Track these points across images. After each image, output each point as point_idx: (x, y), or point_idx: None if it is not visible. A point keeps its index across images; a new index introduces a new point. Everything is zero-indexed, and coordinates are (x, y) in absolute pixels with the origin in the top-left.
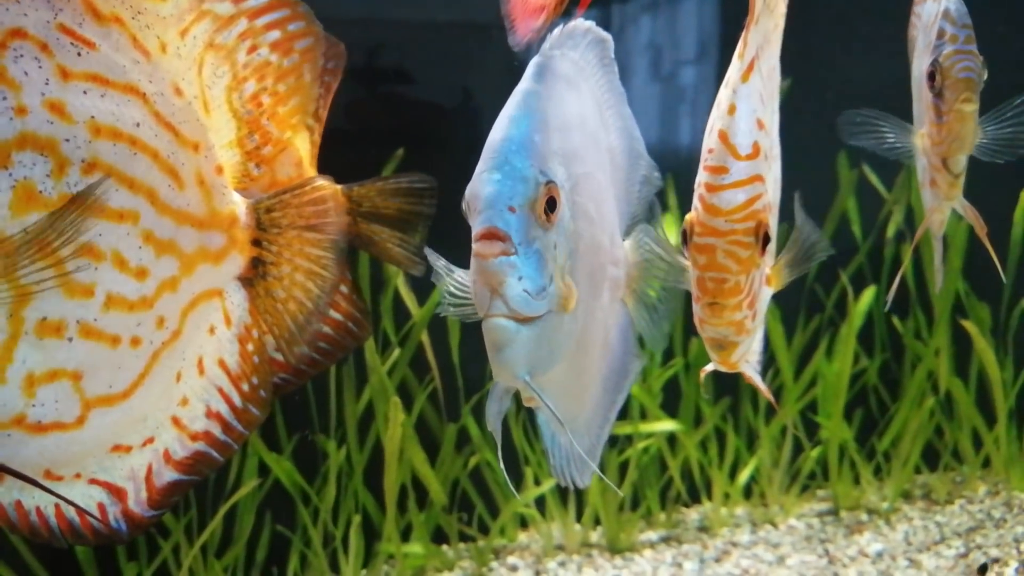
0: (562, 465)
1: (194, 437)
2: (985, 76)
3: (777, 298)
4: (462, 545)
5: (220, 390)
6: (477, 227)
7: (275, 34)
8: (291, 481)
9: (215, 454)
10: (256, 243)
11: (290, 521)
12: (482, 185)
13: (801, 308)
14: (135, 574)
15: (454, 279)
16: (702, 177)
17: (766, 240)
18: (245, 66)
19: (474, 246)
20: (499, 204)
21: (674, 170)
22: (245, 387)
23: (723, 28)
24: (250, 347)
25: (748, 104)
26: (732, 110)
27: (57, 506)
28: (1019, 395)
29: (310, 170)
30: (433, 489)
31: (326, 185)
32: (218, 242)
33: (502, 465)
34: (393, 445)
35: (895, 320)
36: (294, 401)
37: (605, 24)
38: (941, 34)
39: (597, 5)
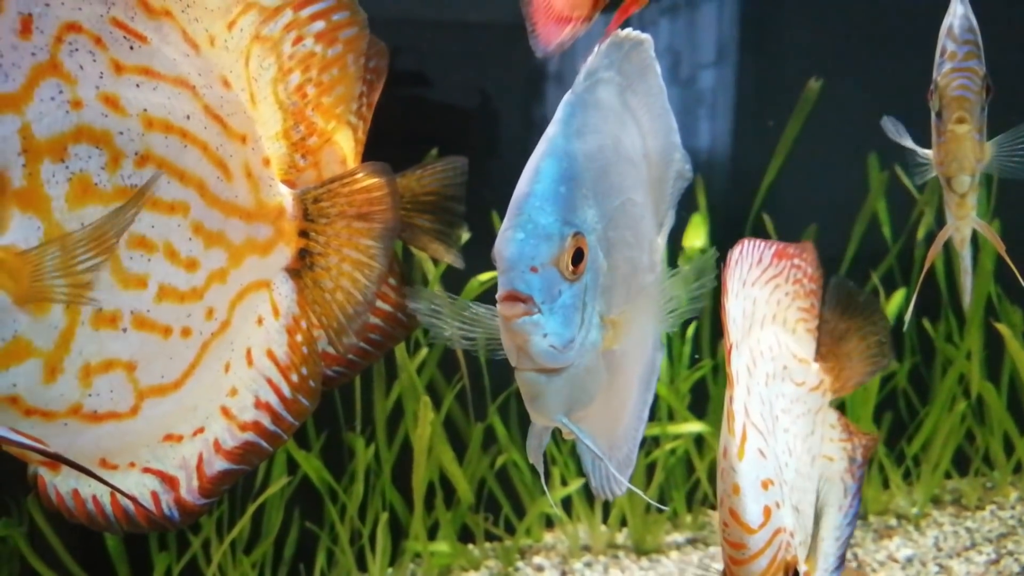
0: (602, 483)
1: (243, 427)
2: (988, 93)
3: None
4: (488, 545)
5: (269, 381)
6: (500, 288)
7: (320, 24)
8: (319, 478)
9: (265, 444)
10: (303, 234)
11: (318, 519)
12: (505, 244)
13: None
14: (165, 568)
15: (462, 314)
16: (725, 548)
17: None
18: (291, 57)
19: (499, 306)
20: (520, 265)
21: (703, 172)
22: (295, 378)
23: (741, 30)
24: (299, 338)
25: (749, 479)
26: (736, 489)
27: (113, 495)
28: None
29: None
30: (461, 488)
31: (377, 173)
32: (265, 233)
33: (549, 495)
34: (422, 444)
35: (926, 323)
36: (323, 399)
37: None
38: (943, 51)
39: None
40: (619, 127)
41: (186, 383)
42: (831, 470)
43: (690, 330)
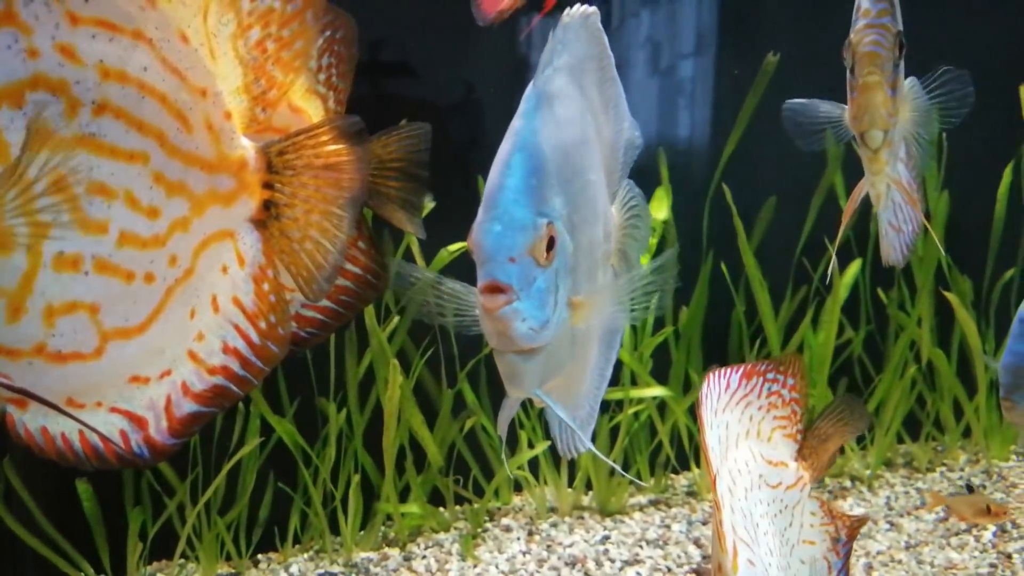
0: (567, 445)
1: (212, 371)
2: (901, 51)
3: (766, 269)
4: (458, 507)
5: (236, 327)
6: (481, 279)
7: None
8: (293, 442)
9: (234, 388)
10: (268, 186)
11: (291, 482)
12: (483, 236)
13: (789, 279)
14: (139, 528)
15: (443, 290)
16: None
17: None
18: (250, 13)
19: (480, 296)
20: (499, 256)
21: (667, 144)
22: (263, 325)
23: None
24: (266, 286)
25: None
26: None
27: (81, 432)
28: None
29: None
30: (431, 451)
31: (345, 125)
32: (228, 185)
33: (507, 466)
34: (392, 406)
35: (879, 291)
36: (296, 365)
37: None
38: (858, 9)
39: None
40: (576, 111)
41: (151, 327)
42: (813, 552)
43: (653, 299)
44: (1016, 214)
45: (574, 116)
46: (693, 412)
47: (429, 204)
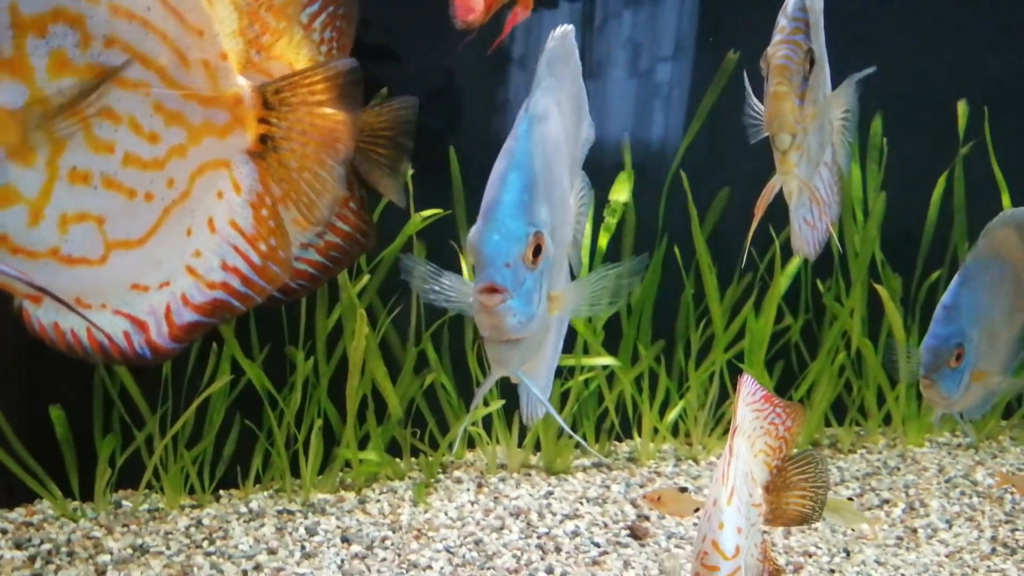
0: (532, 413)
1: (211, 286)
2: (809, 65)
3: (715, 254)
4: (413, 459)
5: (235, 247)
6: (480, 280)
7: None
8: (261, 385)
9: (235, 302)
10: (264, 121)
11: (257, 423)
12: (483, 244)
13: (737, 266)
14: (108, 455)
15: (441, 282)
16: (698, 568)
17: None
18: None
19: (479, 296)
20: (497, 262)
21: (632, 135)
22: (263, 247)
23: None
24: (264, 212)
25: (731, 521)
26: (721, 526)
27: (88, 329)
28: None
29: None
30: (391, 403)
31: (340, 64)
32: (223, 118)
33: (463, 429)
34: (357, 356)
35: (818, 282)
36: (269, 313)
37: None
38: (776, 26)
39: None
40: (556, 127)
41: (149, 241)
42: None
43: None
44: (947, 220)
45: (555, 132)
46: (639, 383)
47: (408, 170)
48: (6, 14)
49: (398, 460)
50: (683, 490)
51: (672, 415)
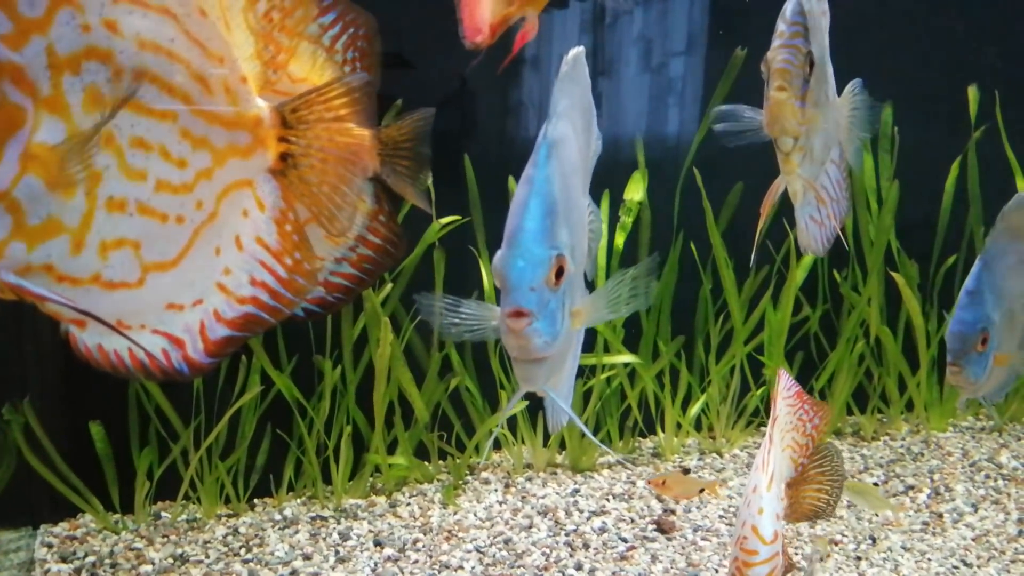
0: (557, 421)
1: (242, 301)
2: (811, 68)
3: (731, 249)
4: (441, 462)
5: (262, 263)
6: (507, 305)
7: None
8: (290, 395)
9: (265, 316)
10: (284, 140)
11: (288, 432)
12: (509, 269)
13: (752, 261)
14: (147, 468)
15: (459, 312)
16: (739, 555)
17: None
18: None
19: (507, 320)
20: (523, 287)
21: (645, 132)
22: (288, 261)
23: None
24: (288, 227)
25: (770, 507)
26: (760, 511)
27: (130, 349)
28: (940, 344)
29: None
30: (418, 407)
31: (354, 79)
32: (245, 140)
33: (489, 444)
34: (383, 363)
35: (834, 272)
36: (296, 325)
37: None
38: (776, 30)
39: None
40: (573, 150)
41: (182, 262)
42: None
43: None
44: (961, 206)
45: (571, 154)
46: (660, 379)
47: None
48: (43, 55)
49: (426, 463)
50: (686, 471)
51: (694, 410)
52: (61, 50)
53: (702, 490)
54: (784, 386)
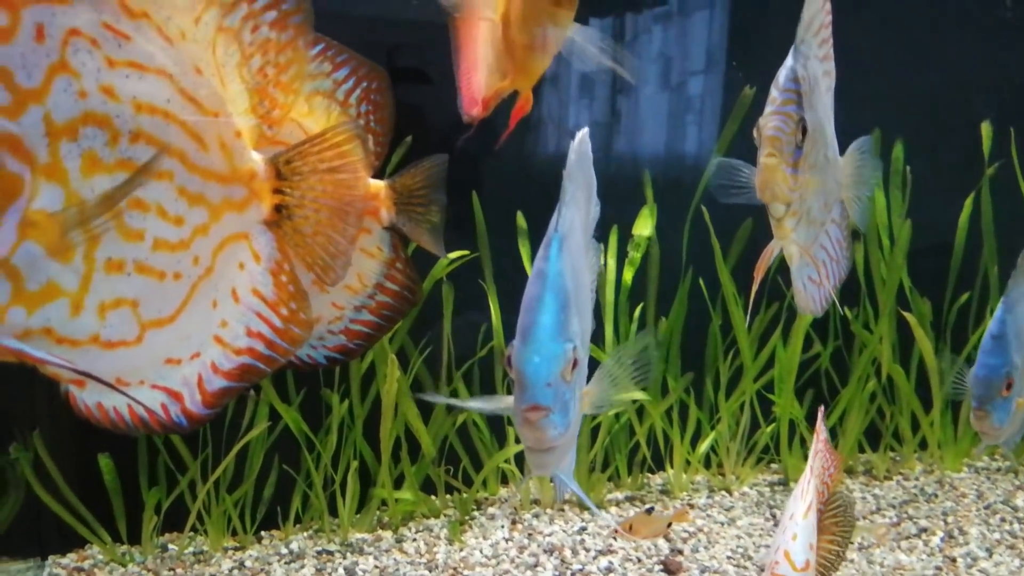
0: (562, 494)
1: (238, 352)
2: (804, 135)
3: (740, 285)
4: (448, 496)
5: (258, 314)
6: (524, 401)
7: (272, 14)
8: (298, 428)
9: (261, 365)
10: (279, 192)
11: (295, 466)
12: (525, 365)
13: (764, 295)
14: (155, 502)
15: (470, 406)
16: None
17: None
18: (251, 44)
19: (525, 414)
20: (539, 383)
21: (651, 168)
22: (284, 311)
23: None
24: (284, 278)
25: (805, 534)
26: (795, 537)
27: (129, 406)
28: (954, 383)
29: (365, 174)
30: (424, 442)
31: (344, 131)
32: (240, 193)
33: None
34: (389, 399)
35: (846, 310)
36: None
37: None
38: (769, 97)
39: (611, 12)
40: (580, 236)
41: (179, 317)
42: None
43: (637, 311)
44: (975, 243)
45: (578, 239)
46: (669, 415)
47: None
48: (41, 124)
49: (433, 498)
50: (650, 511)
51: (704, 446)
52: (58, 117)
53: (670, 524)
54: (821, 427)
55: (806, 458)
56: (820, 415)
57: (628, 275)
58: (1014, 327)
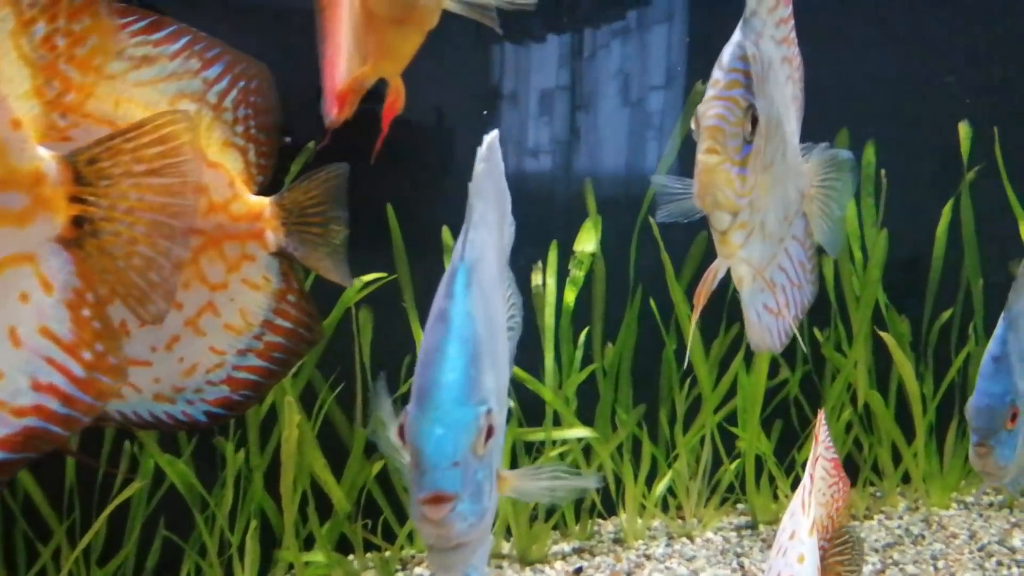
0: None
1: (20, 412)
2: (752, 124)
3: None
4: (368, 556)
5: (50, 360)
6: (423, 488)
7: None
8: (186, 484)
9: (56, 429)
10: (78, 200)
11: (184, 529)
12: (424, 441)
13: (723, 316)
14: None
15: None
16: None
17: None
18: (31, 6)
19: (422, 506)
20: (443, 463)
21: (592, 176)
22: (87, 355)
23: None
24: (86, 312)
25: (813, 556)
26: (801, 559)
27: None
28: (938, 410)
29: (245, 190)
30: (335, 496)
31: (170, 121)
32: (20, 202)
33: None
34: (290, 446)
35: (816, 331)
36: None
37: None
38: (711, 79)
39: (568, 31)
40: (493, 263)
41: None
42: None
43: (582, 336)
44: (956, 253)
45: (493, 272)
46: (620, 452)
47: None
48: None
49: (350, 558)
50: (578, 571)
51: (660, 487)
52: None
53: None
54: (825, 438)
55: (775, 498)
56: (820, 417)
57: (570, 296)
58: (1017, 347)
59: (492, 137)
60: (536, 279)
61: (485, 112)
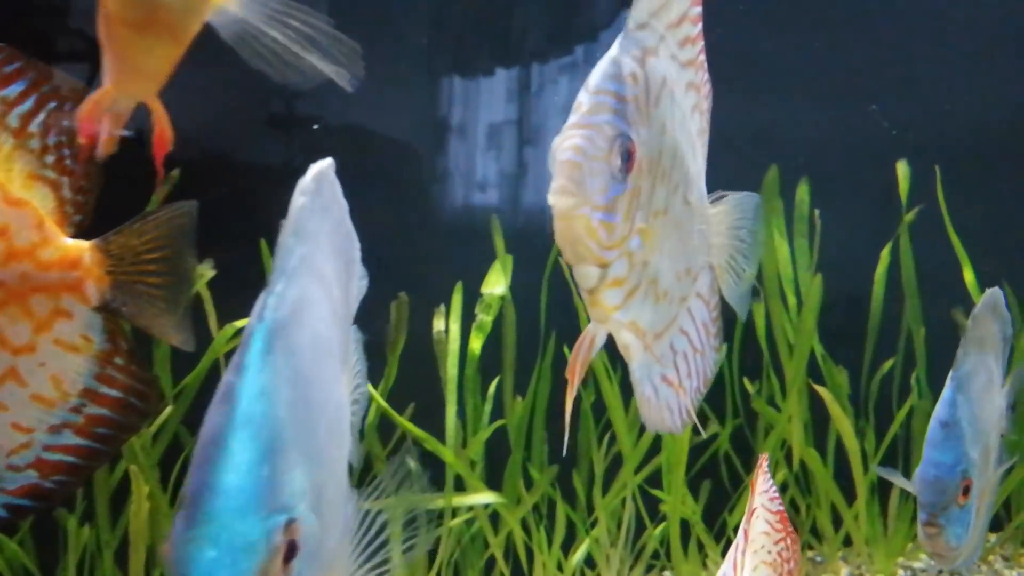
0: None
1: None
2: (623, 160)
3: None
4: None
5: None
6: None
7: None
8: (22, 566)
9: None
10: None
11: None
12: (189, 566)
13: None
14: None
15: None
16: None
17: None
18: None
19: None
20: None
21: (497, 210)
22: None
23: None
24: None
25: None
26: None
27: None
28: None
29: (57, 232)
30: None
31: None
32: None
33: None
34: (139, 523)
35: (747, 383)
36: None
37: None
38: (574, 104)
39: (518, 63)
40: (317, 314)
41: None
42: None
43: (491, 387)
44: (895, 298)
45: (316, 327)
46: (537, 514)
47: (208, 272)
48: None
49: None
50: None
51: (578, 555)
52: None
53: None
54: (765, 485)
55: (704, 565)
56: (762, 461)
57: (476, 344)
58: (968, 411)
59: (323, 166)
60: (438, 324)
61: (315, 127)
